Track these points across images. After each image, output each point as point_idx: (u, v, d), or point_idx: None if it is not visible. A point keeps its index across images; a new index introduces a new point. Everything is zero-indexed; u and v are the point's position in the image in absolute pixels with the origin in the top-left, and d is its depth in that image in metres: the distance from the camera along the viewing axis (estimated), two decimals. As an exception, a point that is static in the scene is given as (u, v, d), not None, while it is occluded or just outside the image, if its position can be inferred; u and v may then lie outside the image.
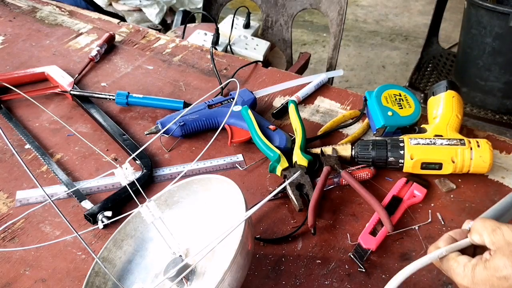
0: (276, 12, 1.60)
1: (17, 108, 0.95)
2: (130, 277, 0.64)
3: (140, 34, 1.19)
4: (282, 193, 0.76)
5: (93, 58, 1.07)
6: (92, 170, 0.82)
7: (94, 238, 0.71)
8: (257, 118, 0.86)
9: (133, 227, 0.67)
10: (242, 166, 0.82)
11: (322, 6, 1.52)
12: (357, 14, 3.20)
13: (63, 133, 0.89)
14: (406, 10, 3.23)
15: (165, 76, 1.04)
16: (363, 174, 0.78)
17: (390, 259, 0.68)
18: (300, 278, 0.65)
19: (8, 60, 1.09)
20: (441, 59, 2.06)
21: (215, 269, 0.58)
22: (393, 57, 2.78)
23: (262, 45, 1.40)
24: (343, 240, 0.70)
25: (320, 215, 0.74)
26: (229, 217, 0.62)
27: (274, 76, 1.04)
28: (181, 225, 0.65)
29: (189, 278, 0.58)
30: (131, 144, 0.85)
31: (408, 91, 0.88)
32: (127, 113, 0.94)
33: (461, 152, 0.77)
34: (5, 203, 0.76)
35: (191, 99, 0.97)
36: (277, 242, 0.70)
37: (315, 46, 2.87)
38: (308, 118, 0.93)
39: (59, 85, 0.98)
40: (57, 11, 1.28)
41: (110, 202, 0.74)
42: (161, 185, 0.79)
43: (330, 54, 1.51)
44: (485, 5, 1.56)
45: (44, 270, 0.66)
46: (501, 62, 1.64)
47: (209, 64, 1.08)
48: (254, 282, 0.65)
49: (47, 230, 0.72)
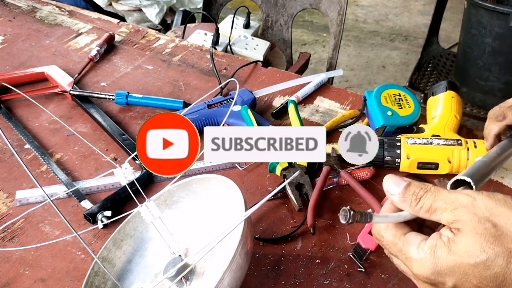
0: (276, 12, 1.60)
1: (17, 108, 0.95)
2: (129, 277, 0.64)
3: (140, 34, 1.19)
4: (282, 193, 0.76)
5: (92, 58, 1.07)
6: (91, 170, 0.82)
7: (94, 238, 0.71)
8: (257, 118, 0.86)
9: (132, 226, 0.67)
10: (241, 166, 0.82)
11: (322, 6, 1.52)
12: (357, 14, 3.20)
13: (62, 133, 0.89)
14: (406, 10, 3.23)
15: (164, 76, 1.04)
16: (363, 174, 0.78)
17: (389, 259, 0.67)
18: (299, 278, 0.65)
19: (8, 60, 1.09)
20: (441, 59, 2.06)
21: (214, 268, 0.58)
22: (393, 57, 2.78)
23: (262, 45, 1.40)
24: (342, 240, 0.70)
25: (319, 215, 0.74)
26: (228, 216, 0.62)
27: (274, 76, 1.04)
28: (180, 225, 0.65)
29: (188, 278, 0.58)
30: (131, 144, 0.85)
31: (407, 91, 0.88)
32: (127, 113, 0.94)
33: (457, 153, 0.77)
34: (5, 203, 0.76)
35: (190, 99, 0.97)
36: (277, 241, 0.70)
37: (315, 46, 2.87)
38: (308, 118, 0.93)
39: (58, 85, 0.98)
40: (57, 11, 1.28)
41: (110, 202, 0.74)
42: (160, 185, 0.79)
43: (330, 54, 1.51)
44: (485, 5, 1.56)
45: (44, 270, 0.66)
46: (501, 62, 1.64)
47: (209, 64, 1.08)
48: (254, 282, 0.65)
49: (46, 230, 0.72)
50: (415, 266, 0.41)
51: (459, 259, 0.39)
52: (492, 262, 0.38)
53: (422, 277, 0.41)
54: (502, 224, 0.39)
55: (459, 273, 0.39)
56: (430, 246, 0.41)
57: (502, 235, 0.39)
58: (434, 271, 0.40)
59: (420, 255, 0.41)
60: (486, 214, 0.40)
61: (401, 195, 0.43)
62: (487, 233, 0.39)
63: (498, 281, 0.39)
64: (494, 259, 0.38)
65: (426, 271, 0.40)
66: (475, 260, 0.39)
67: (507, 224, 0.39)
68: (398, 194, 0.43)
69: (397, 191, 0.43)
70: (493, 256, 0.38)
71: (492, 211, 0.40)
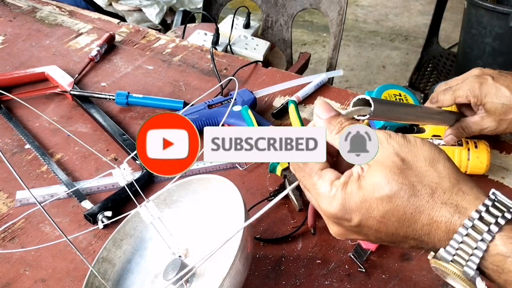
0: (276, 12, 1.60)
1: (17, 108, 0.95)
2: (130, 277, 0.64)
3: (140, 34, 1.19)
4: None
5: (93, 58, 1.07)
6: (92, 170, 0.82)
7: (94, 238, 0.71)
8: (257, 118, 0.86)
9: (132, 226, 0.67)
10: (242, 166, 0.82)
11: (322, 6, 1.52)
12: (357, 14, 3.20)
13: (63, 133, 0.89)
14: (406, 10, 3.23)
15: (165, 76, 1.04)
16: (363, 174, 0.78)
17: (389, 259, 0.68)
18: (300, 278, 0.65)
19: (8, 60, 1.09)
20: (441, 59, 2.06)
21: (214, 269, 0.58)
22: (393, 57, 2.78)
23: (262, 45, 1.40)
24: (343, 240, 0.70)
25: (320, 215, 0.73)
26: (228, 217, 0.62)
27: (274, 76, 1.04)
28: (180, 225, 0.65)
29: (188, 280, 0.58)
30: (131, 144, 0.85)
31: (408, 91, 0.88)
32: (127, 113, 0.94)
33: (458, 153, 0.77)
34: (5, 203, 0.76)
35: (191, 99, 0.97)
36: (277, 242, 0.70)
37: (315, 46, 2.87)
38: (308, 118, 0.93)
39: (59, 85, 0.98)
40: (57, 11, 1.28)
41: (110, 202, 0.74)
42: (161, 185, 0.79)
43: (330, 54, 1.51)
44: (485, 5, 1.56)
45: (44, 270, 0.66)
46: (501, 62, 1.64)
47: (209, 64, 1.08)
48: (254, 282, 0.65)
49: (47, 230, 0.72)
50: (325, 202, 0.42)
51: (366, 193, 0.40)
52: (395, 194, 0.39)
53: (330, 214, 0.42)
54: (410, 159, 0.40)
55: (365, 208, 0.40)
56: (342, 183, 0.41)
57: (407, 169, 0.40)
58: (342, 208, 0.40)
59: (332, 191, 0.41)
60: (397, 150, 0.41)
61: (327, 120, 0.44)
62: (394, 166, 0.40)
63: (399, 214, 0.39)
64: (397, 191, 0.39)
65: (335, 208, 0.41)
66: (379, 193, 0.39)
67: (414, 160, 0.40)
68: (325, 119, 0.44)
69: (325, 116, 0.44)
70: (396, 189, 0.39)
71: (402, 147, 0.41)
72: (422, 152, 0.41)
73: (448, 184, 0.40)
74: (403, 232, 0.40)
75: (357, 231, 0.42)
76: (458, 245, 0.38)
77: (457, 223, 0.38)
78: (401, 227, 0.40)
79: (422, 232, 0.40)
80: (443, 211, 0.39)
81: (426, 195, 0.39)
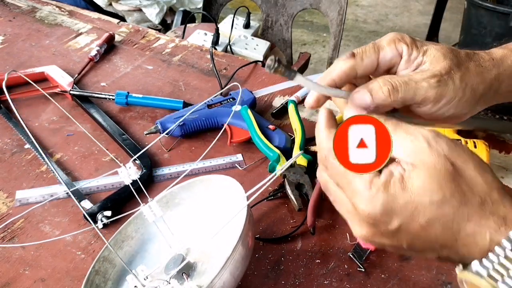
0: (276, 12, 1.60)
1: (17, 108, 0.95)
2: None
3: (140, 34, 1.19)
4: (282, 193, 0.76)
5: (92, 58, 1.07)
6: (92, 170, 0.82)
7: (94, 238, 0.71)
8: (257, 118, 0.86)
9: (134, 228, 0.68)
10: (241, 166, 0.82)
11: (322, 6, 1.52)
12: (357, 14, 3.20)
13: (62, 133, 0.89)
14: (406, 10, 3.23)
15: (164, 76, 1.05)
16: (363, 174, 0.78)
17: (389, 259, 0.68)
18: (299, 278, 0.65)
19: (8, 60, 1.09)
20: (441, 59, 2.06)
21: (216, 265, 0.58)
22: (393, 57, 2.78)
23: (262, 45, 1.40)
24: (342, 240, 0.70)
25: (319, 214, 0.74)
26: (230, 216, 0.62)
27: (274, 76, 1.04)
28: (182, 227, 0.65)
29: (189, 274, 0.58)
30: (131, 144, 0.85)
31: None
32: (127, 113, 0.94)
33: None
34: (5, 203, 0.76)
35: (190, 99, 0.97)
36: (277, 241, 0.70)
37: (315, 46, 2.87)
38: (308, 118, 0.93)
39: (59, 85, 0.98)
40: (57, 11, 1.28)
41: (110, 202, 0.74)
42: (160, 185, 0.79)
43: (330, 54, 1.51)
44: (485, 5, 1.56)
45: (44, 269, 0.66)
46: (501, 62, 1.64)
47: (209, 64, 1.08)
48: (254, 282, 0.65)
49: (46, 230, 0.72)
50: (364, 202, 0.38)
51: (413, 196, 0.37)
52: (447, 201, 0.37)
53: (369, 214, 0.38)
54: (459, 165, 0.38)
55: (410, 211, 0.37)
56: (383, 183, 0.37)
57: (458, 176, 0.37)
58: (384, 209, 0.37)
59: (372, 191, 0.37)
60: (447, 153, 0.38)
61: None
62: (445, 171, 0.37)
63: (446, 221, 0.37)
64: (449, 199, 0.37)
65: (376, 208, 0.37)
66: (430, 198, 0.36)
67: (464, 166, 0.38)
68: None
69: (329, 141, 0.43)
70: (448, 196, 0.37)
71: (452, 151, 0.38)
72: (471, 159, 0.39)
73: (497, 196, 0.38)
74: (442, 240, 0.38)
75: (392, 235, 0.39)
76: (498, 259, 0.36)
77: (502, 235, 0.36)
78: (443, 235, 0.38)
79: (462, 242, 0.38)
80: (490, 221, 0.37)
81: (476, 205, 0.37)
